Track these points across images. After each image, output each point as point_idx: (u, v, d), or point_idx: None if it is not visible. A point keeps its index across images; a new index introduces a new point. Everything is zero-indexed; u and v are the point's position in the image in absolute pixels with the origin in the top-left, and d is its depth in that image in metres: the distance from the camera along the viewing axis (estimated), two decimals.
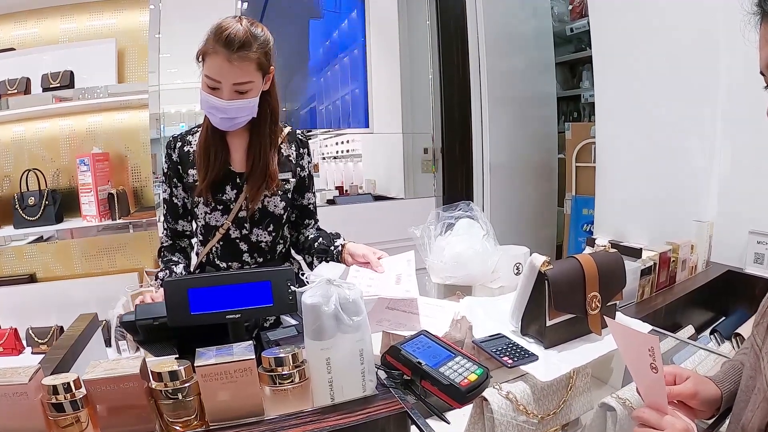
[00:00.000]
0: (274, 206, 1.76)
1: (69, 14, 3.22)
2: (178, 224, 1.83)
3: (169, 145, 1.77)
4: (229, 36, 1.51)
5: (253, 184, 1.71)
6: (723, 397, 1.01)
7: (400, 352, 1.11)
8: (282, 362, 1.02)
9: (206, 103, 1.58)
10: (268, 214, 1.76)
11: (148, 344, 1.24)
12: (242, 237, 1.75)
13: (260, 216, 1.75)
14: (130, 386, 0.96)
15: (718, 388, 1.01)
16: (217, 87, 1.55)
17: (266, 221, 1.77)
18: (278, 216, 1.78)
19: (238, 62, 1.52)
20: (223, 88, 1.55)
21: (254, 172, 1.71)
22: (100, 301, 2.87)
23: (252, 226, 1.75)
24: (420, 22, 4.10)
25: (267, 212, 1.75)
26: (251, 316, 1.15)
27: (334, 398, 1.06)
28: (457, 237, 1.78)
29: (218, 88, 1.55)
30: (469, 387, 1.03)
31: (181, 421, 0.99)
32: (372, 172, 4.46)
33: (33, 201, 3.01)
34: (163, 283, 1.11)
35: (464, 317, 1.33)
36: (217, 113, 1.58)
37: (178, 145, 1.76)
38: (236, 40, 1.51)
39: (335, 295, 1.02)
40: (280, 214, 1.79)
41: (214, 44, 1.52)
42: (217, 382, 0.98)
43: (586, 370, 1.27)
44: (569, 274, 1.27)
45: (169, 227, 1.83)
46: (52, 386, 0.94)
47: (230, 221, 1.71)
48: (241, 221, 1.73)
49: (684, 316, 2.11)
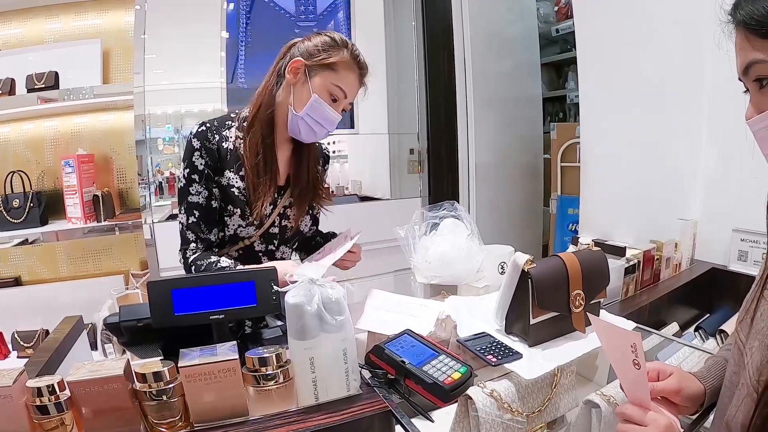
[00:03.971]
0: (305, 225, 1.73)
1: (54, 14, 3.22)
2: (212, 234, 1.59)
3: (204, 136, 1.55)
4: (361, 59, 1.58)
5: (302, 199, 1.67)
6: (706, 393, 1.02)
7: (384, 351, 1.12)
8: (266, 362, 1.02)
9: (319, 112, 1.54)
10: (298, 233, 1.73)
11: (133, 346, 1.23)
12: (266, 252, 1.68)
13: (290, 235, 1.71)
14: (114, 388, 0.95)
15: (701, 384, 1.02)
16: (338, 100, 1.56)
17: (294, 239, 1.74)
18: (306, 236, 1.77)
19: (360, 85, 1.61)
20: (341, 103, 1.57)
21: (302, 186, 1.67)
22: (86, 304, 2.87)
23: (280, 243, 1.70)
24: (406, 24, 4.09)
25: (298, 231, 1.72)
26: (235, 316, 1.15)
27: (318, 398, 1.06)
28: (442, 237, 1.78)
29: (338, 101, 1.56)
30: (452, 385, 1.04)
31: (165, 422, 0.99)
32: (358, 173, 4.47)
33: (18, 203, 3.00)
34: (148, 284, 1.10)
35: (449, 316, 1.34)
36: (327, 125, 1.57)
37: (215, 138, 1.56)
38: (365, 65, 1.59)
39: (318, 295, 1.02)
40: (308, 234, 1.77)
41: (351, 61, 1.55)
42: (201, 383, 0.97)
43: (570, 368, 1.28)
44: (552, 272, 1.28)
45: (200, 238, 1.56)
46: (37, 388, 0.94)
47: (258, 236, 1.64)
48: (270, 237, 1.67)
49: (668, 313, 2.12)
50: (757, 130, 0.78)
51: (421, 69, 4.05)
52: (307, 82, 1.53)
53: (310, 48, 1.54)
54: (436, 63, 4.04)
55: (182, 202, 1.56)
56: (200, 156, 1.54)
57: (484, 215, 3.90)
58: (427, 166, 4.12)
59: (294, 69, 1.53)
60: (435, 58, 4.04)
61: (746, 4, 0.75)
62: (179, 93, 3.60)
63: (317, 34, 1.57)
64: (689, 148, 2.46)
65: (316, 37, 1.56)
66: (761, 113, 0.76)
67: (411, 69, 4.08)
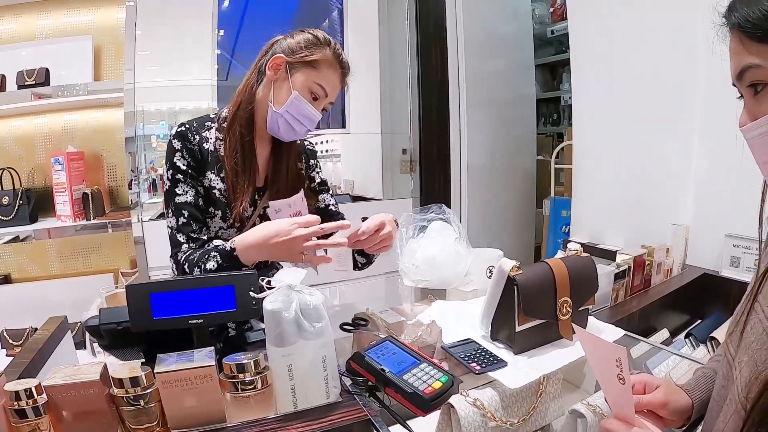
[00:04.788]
0: None
1: (46, 10, 3.21)
2: (203, 233, 1.53)
3: (184, 137, 1.52)
4: (343, 58, 1.56)
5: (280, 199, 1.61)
6: (694, 406, 1.00)
7: (364, 359, 1.11)
8: (244, 368, 1.01)
9: (299, 109, 1.52)
10: None
11: (114, 349, 1.22)
12: None
13: None
14: (91, 393, 0.94)
15: (689, 397, 1.01)
16: (318, 98, 1.55)
17: None
18: None
19: (342, 85, 1.59)
20: (322, 101, 1.56)
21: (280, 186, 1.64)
22: (75, 303, 2.90)
23: None
24: (400, 23, 4.08)
25: None
26: (214, 320, 1.13)
27: (297, 405, 1.05)
28: (430, 240, 1.76)
29: (318, 99, 1.55)
30: (433, 395, 1.02)
31: (142, 427, 0.99)
32: (350, 172, 4.46)
33: (7, 200, 2.99)
34: (126, 287, 1.09)
35: (434, 321, 1.33)
36: (306, 123, 1.54)
37: (196, 139, 1.53)
38: (348, 65, 1.58)
39: (296, 301, 1.02)
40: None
41: (333, 59, 1.54)
42: (177, 389, 0.96)
43: (557, 376, 1.27)
44: (539, 279, 1.26)
45: (191, 238, 1.50)
46: (14, 392, 0.93)
47: None
48: None
49: (659, 319, 2.11)
50: (751, 137, 0.76)
51: (414, 68, 4.03)
52: (288, 79, 1.51)
53: (292, 45, 1.52)
54: (429, 62, 4.02)
55: (170, 204, 1.51)
56: (182, 156, 1.51)
57: (476, 216, 3.89)
58: (419, 167, 4.10)
59: (275, 65, 1.51)
60: (428, 58, 4.02)
61: (742, 7, 0.73)
62: (172, 90, 3.58)
63: (300, 32, 1.55)
64: (682, 151, 2.45)
65: (298, 35, 1.54)
66: (755, 120, 0.75)
67: (404, 68, 4.07)
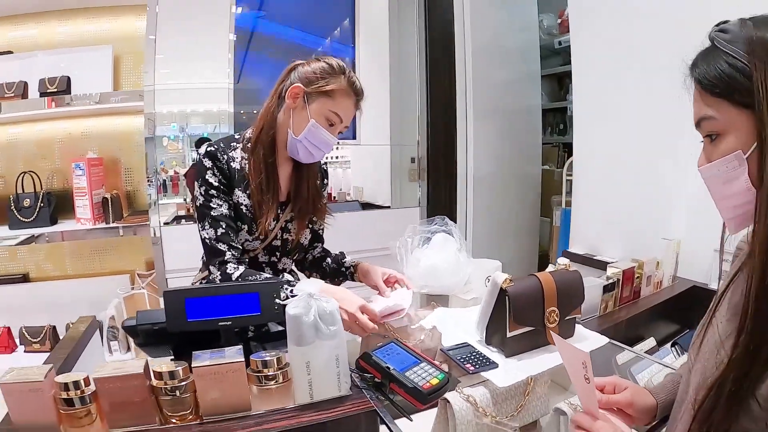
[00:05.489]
0: (304, 238, 1.85)
1: (66, 18, 3.29)
2: (238, 242, 1.66)
3: (215, 156, 1.65)
4: (357, 86, 1.67)
5: (302, 214, 1.79)
6: (658, 406, 1.12)
7: (372, 358, 1.25)
8: (267, 364, 1.16)
9: (316, 136, 1.65)
10: (299, 246, 1.84)
11: (147, 347, 1.36)
12: (269, 263, 1.80)
13: (291, 247, 1.82)
14: (135, 384, 1.08)
15: (653, 398, 1.13)
16: (334, 124, 1.67)
17: (295, 252, 1.85)
18: (305, 247, 1.88)
19: (355, 110, 1.71)
20: (338, 127, 1.68)
21: (302, 202, 1.78)
22: (91, 302, 2.93)
23: (282, 255, 1.81)
24: (409, 34, 4.16)
25: (299, 244, 1.83)
26: (241, 323, 1.29)
27: (313, 397, 1.20)
28: (433, 250, 1.90)
29: (334, 125, 1.67)
30: (430, 390, 1.17)
31: (178, 415, 1.12)
32: (360, 179, 4.56)
33: (28, 203, 3.07)
34: (164, 293, 1.24)
35: (435, 327, 1.47)
36: (324, 148, 1.69)
37: (224, 158, 1.66)
38: (361, 91, 1.69)
39: (314, 308, 1.17)
40: (306, 246, 1.88)
41: (348, 88, 1.65)
42: (210, 381, 1.11)
43: (544, 378, 1.40)
44: (528, 290, 1.39)
45: (232, 246, 1.62)
46: (64, 383, 1.06)
47: (262, 248, 1.75)
48: (273, 249, 1.78)
49: (647, 328, 2.18)
50: (707, 177, 0.89)
51: (422, 79, 4.11)
52: (306, 107, 1.63)
53: (309, 74, 1.64)
54: (437, 72, 4.09)
55: (205, 217, 1.63)
56: (213, 174, 1.64)
57: (482, 224, 3.96)
58: (426, 176, 4.18)
59: (294, 94, 1.64)
60: (436, 68, 4.10)
61: (702, 64, 0.86)
62: (186, 93, 3.72)
63: (316, 60, 1.68)
64: (676, 168, 2.52)
65: (314, 63, 1.66)
66: (710, 162, 0.88)
67: (413, 79, 4.14)
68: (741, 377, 0.78)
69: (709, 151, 0.88)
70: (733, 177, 0.83)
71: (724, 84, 0.81)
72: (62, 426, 1.09)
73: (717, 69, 0.83)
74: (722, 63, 0.82)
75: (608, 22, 2.78)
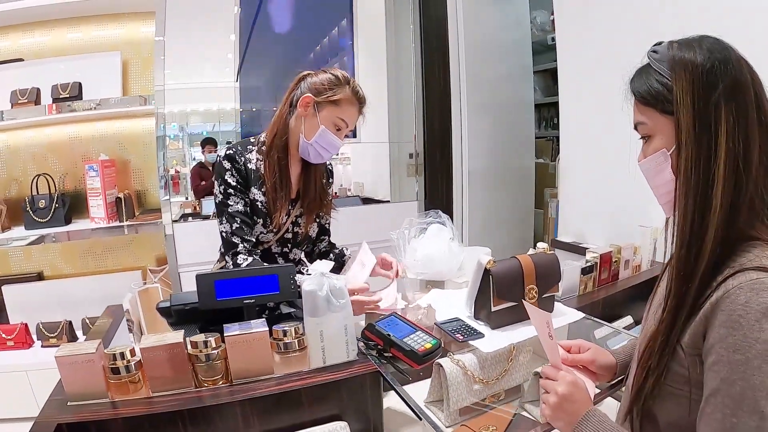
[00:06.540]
0: (312, 231, 2.07)
1: (75, 25, 3.37)
2: (251, 235, 1.86)
3: (233, 159, 1.84)
4: (360, 94, 1.89)
5: (310, 209, 2.00)
6: (618, 365, 1.31)
7: (375, 327, 1.46)
8: (287, 334, 1.38)
9: (326, 140, 1.86)
10: (307, 237, 2.05)
11: (178, 325, 1.57)
12: (281, 253, 2.00)
13: (301, 239, 2.03)
14: (176, 352, 1.28)
15: (614, 358, 1.31)
16: (341, 129, 1.88)
17: (304, 243, 2.06)
18: (313, 239, 2.10)
19: (359, 115, 1.92)
20: (344, 131, 1.89)
21: (310, 199, 1.99)
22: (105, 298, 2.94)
23: (293, 246, 2.02)
24: (405, 33, 4.23)
25: (307, 236, 2.04)
26: (262, 301, 1.51)
27: (325, 361, 1.43)
28: (428, 240, 2.11)
29: (341, 129, 1.88)
30: (425, 353, 1.38)
31: (211, 379, 1.33)
32: (360, 175, 4.68)
33: (43, 204, 3.17)
34: (196, 276, 1.44)
35: (430, 305, 1.67)
36: (332, 150, 1.90)
37: (242, 160, 1.86)
38: (364, 99, 1.90)
39: (326, 284, 1.39)
40: (314, 238, 2.10)
41: (352, 96, 1.86)
42: (239, 348, 1.31)
43: (527, 348, 1.57)
44: (510, 270, 1.59)
45: (245, 239, 1.83)
46: (113, 354, 1.26)
47: (275, 240, 1.95)
48: (285, 241, 1.99)
49: (625, 307, 2.34)
50: (644, 170, 1.07)
51: (418, 77, 4.18)
52: (316, 115, 1.84)
53: (318, 85, 1.84)
54: (432, 71, 4.19)
55: (223, 213, 1.84)
56: (231, 175, 1.84)
57: (477, 216, 4.06)
58: (424, 171, 4.28)
59: (304, 104, 1.84)
60: (431, 65, 4.20)
61: (637, 79, 1.04)
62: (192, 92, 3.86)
63: (323, 71, 1.88)
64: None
65: (322, 74, 1.87)
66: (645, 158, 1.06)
67: (409, 78, 4.21)
68: (669, 329, 0.97)
69: (645, 149, 1.06)
70: (661, 170, 1.01)
71: (652, 96, 0.99)
72: (110, 392, 1.28)
73: (647, 84, 1.01)
74: (651, 79, 1.00)
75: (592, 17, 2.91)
